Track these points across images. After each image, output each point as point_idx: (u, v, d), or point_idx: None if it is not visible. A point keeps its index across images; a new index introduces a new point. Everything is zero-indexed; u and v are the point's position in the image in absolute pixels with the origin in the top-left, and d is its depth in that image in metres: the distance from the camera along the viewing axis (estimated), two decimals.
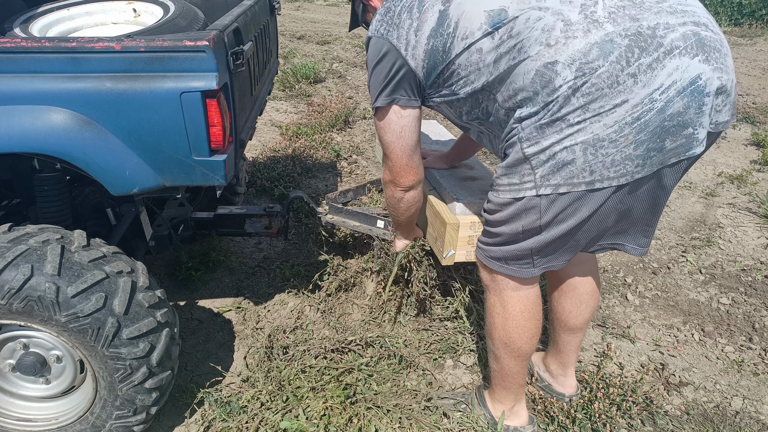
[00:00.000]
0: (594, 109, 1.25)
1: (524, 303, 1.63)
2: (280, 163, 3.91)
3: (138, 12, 2.12)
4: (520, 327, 1.64)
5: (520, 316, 1.63)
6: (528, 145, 1.36)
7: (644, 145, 1.26)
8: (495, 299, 1.66)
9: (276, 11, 2.56)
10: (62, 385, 1.72)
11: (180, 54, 1.41)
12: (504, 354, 1.70)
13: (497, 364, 1.76)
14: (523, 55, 1.31)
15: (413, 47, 1.48)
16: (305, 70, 6.12)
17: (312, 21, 10.81)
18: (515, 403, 1.82)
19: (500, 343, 1.69)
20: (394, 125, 1.64)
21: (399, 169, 1.72)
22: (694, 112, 1.24)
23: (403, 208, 1.88)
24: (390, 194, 1.84)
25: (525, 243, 1.50)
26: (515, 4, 1.33)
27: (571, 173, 1.32)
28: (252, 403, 1.91)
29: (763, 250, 3.20)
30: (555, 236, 1.45)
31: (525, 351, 1.68)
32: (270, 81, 2.49)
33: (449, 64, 1.46)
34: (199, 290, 2.65)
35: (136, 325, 1.55)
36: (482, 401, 1.90)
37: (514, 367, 1.72)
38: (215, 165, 1.54)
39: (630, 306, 2.66)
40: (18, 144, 1.43)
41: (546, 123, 1.31)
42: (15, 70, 1.41)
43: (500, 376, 1.77)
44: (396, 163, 1.71)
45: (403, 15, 1.49)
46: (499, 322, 1.66)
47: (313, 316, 2.45)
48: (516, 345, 1.66)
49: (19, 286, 1.43)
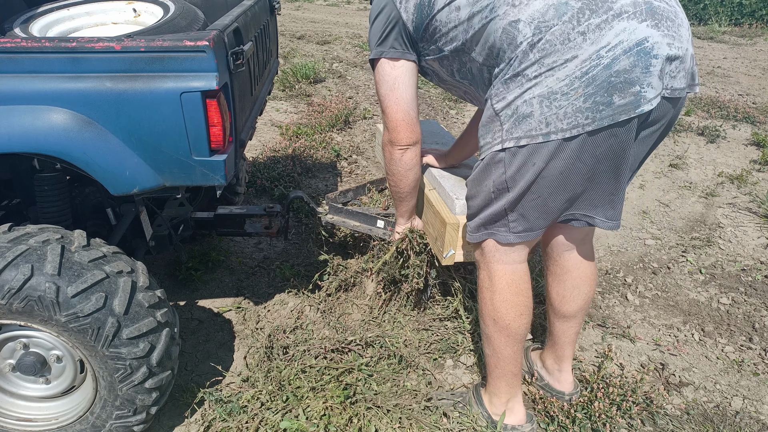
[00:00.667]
0: (548, 63, 1.35)
1: (511, 277, 1.65)
2: (280, 163, 3.91)
3: (138, 12, 2.12)
4: (508, 302, 1.66)
5: (507, 289, 1.65)
6: (497, 101, 1.45)
7: (592, 98, 1.34)
8: (484, 274, 1.69)
9: (276, 11, 2.56)
10: (62, 385, 1.72)
11: (180, 54, 1.41)
12: (494, 332, 1.71)
13: (489, 347, 1.76)
14: (493, 14, 1.42)
15: (406, 0, 1.60)
16: (305, 70, 6.13)
17: (312, 21, 10.81)
18: (510, 397, 1.81)
19: (489, 320, 1.70)
20: (388, 76, 1.70)
21: (395, 125, 1.74)
22: (641, 71, 1.32)
23: (402, 171, 1.85)
24: (389, 156, 1.84)
25: (497, 203, 1.55)
26: None
27: (530, 126, 1.40)
28: (252, 403, 1.91)
29: (763, 250, 3.20)
30: (520, 191, 1.49)
31: (514, 330, 1.68)
32: (270, 81, 2.49)
33: (432, 20, 1.56)
34: (199, 290, 2.66)
35: (136, 325, 1.55)
36: (479, 399, 1.90)
37: (505, 350, 1.72)
38: (215, 165, 1.54)
39: (630, 306, 2.66)
40: (18, 144, 1.43)
41: (509, 78, 1.41)
42: (15, 70, 1.41)
43: (493, 361, 1.77)
44: (391, 117, 1.73)
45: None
46: (487, 296, 1.69)
47: (313, 316, 2.45)
48: (504, 321, 1.67)
49: (19, 286, 1.43)
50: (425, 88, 6.24)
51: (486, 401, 1.87)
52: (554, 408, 1.95)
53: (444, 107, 5.62)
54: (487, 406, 1.86)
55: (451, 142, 2.61)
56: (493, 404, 1.84)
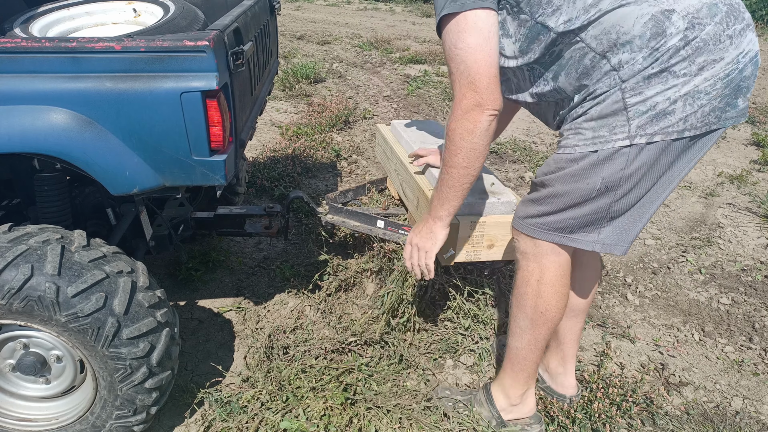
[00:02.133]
0: (699, 62, 1.32)
1: (563, 268, 1.64)
2: (280, 163, 3.91)
3: (138, 12, 2.12)
4: (558, 293, 1.65)
5: (558, 281, 1.64)
6: (630, 95, 1.36)
7: (725, 100, 1.36)
8: (534, 266, 1.65)
9: (276, 11, 2.56)
10: (62, 385, 1.72)
11: (180, 54, 1.41)
12: (537, 324, 1.69)
13: (521, 340, 1.73)
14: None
15: None
16: (305, 70, 6.13)
17: (312, 21, 10.81)
18: (526, 389, 1.82)
19: (534, 312, 1.68)
20: (482, 24, 1.40)
21: (489, 82, 1.42)
22: (752, 81, 1.39)
23: (484, 145, 1.51)
24: (471, 126, 1.47)
25: (598, 202, 1.47)
26: None
27: (669, 123, 1.36)
28: (252, 403, 1.91)
29: (763, 250, 3.20)
30: (630, 188, 1.44)
31: (556, 320, 1.69)
32: (270, 81, 2.49)
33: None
34: (199, 290, 2.66)
35: (136, 325, 1.55)
36: (489, 397, 1.88)
37: (541, 341, 1.72)
38: (215, 165, 1.54)
39: (630, 306, 2.66)
40: (18, 144, 1.43)
41: (654, 73, 1.34)
42: (15, 70, 1.40)
43: (523, 354, 1.75)
44: (484, 74, 1.41)
45: None
46: (534, 289, 1.66)
47: (313, 316, 2.45)
48: (551, 313, 1.67)
49: (19, 286, 1.43)
50: (425, 88, 6.24)
51: (500, 395, 1.86)
52: (554, 408, 1.95)
53: (444, 107, 5.62)
54: (502, 399, 1.85)
55: None
56: (510, 397, 1.84)
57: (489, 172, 2.31)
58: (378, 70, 7.06)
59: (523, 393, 1.83)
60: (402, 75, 6.79)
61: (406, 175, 2.45)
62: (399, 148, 2.63)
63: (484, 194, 2.10)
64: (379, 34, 9.40)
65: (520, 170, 4.19)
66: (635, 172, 1.42)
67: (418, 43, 8.74)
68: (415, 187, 2.32)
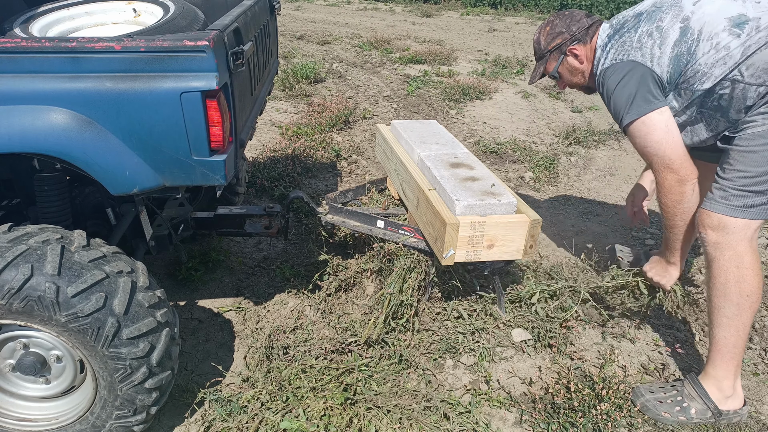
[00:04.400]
0: None
1: (756, 252, 1.85)
2: (280, 163, 3.91)
3: (138, 12, 2.12)
4: (759, 275, 1.83)
5: (756, 263, 1.83)
6: None
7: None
8: (730, 254, 1.83)
9: (276, 11, 2.56)
10: (62, 385, 1.72)
11: (180, 54, 1.41)
12: (744, 309, 1.84)
13: (730, 328, 1.87)
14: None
15: (658, 58, 1.86)
16: (305, 70, 6.13)
17: (312, 21, 10.81)
18: (736, 379, 1.94)
19: (741, 297, 1.84)
20: (659, 123, 1.87)
21: (681, 161, 1.89)
22: None
23: (692, 206, 1.96)
24: (678, 197, 1.94)
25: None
26: (751, 10, 1.74)
27: None
28: (252, 403, 1.91)
29: (763, 250, 3.19)
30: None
31: (759, 300, 1.85)
32: (270, 81, 2.49)
33: (694, 63, 1.81)
34: (199, 290, 2.66)
35: (136, 325, 1.55)
36: (701, 390, 1.96)
37: (748, 325, 1.87)
38: (215, 165, 1.54)
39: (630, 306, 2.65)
40: (18, 144, 1.43)
41: None
42: (15, 70, 1.40)
43: (733, 341, 1.88)
44: (676, 157, 1.88)
45: (644, 39, 1.89)
46: (736, 275, 1.83)
47: (313, 316, 2.45)
48: (756, 294, 1.83)
49: (19, 286, 1.43)
50: (425, 88, 6.24)
51: (713, 388, 1.95)
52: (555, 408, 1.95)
53: (444, 107, 5.62)
54: (716, 392, 1.94)
55: (451, 143, 2.62)
56: (723, 389, 1.94)
57: (489, 173, 2.31)
58: (378, 70, 7.06)
59: (734, 383, 1.94)
60: (402, 75, 6.79)
61: (406, 175, 2.45)
62: (399, 148, 2.64)
63: (484, 195, 2.10)
64: (379, 34, 9.40)
65: (520, 170, 4.19)
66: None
67: (418, 43, 8.74)
68: (415, 187, 2.32)
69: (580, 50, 2.14)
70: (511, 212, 2.09)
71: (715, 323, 1.91)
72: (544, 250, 3.11)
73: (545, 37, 2.21)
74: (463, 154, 2.49)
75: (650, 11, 1.92)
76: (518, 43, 9.19)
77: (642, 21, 1.92)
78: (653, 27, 1.88)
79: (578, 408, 1.92)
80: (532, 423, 1.95)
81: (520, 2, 14.11)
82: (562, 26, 2.16)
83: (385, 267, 2.37)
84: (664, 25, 1.86)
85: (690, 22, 1.82)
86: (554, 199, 3.77)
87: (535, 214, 2.08)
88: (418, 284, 2.29)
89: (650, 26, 1.88)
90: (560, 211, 3.60)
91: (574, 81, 2.24)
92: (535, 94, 6.15)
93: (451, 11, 13.44)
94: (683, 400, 1.97)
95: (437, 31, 10.15)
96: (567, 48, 2.16)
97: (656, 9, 1.91)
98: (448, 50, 7.97)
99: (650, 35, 1.88)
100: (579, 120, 5.38)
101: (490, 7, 14.21)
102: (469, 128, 5.07)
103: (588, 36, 2.12)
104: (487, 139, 4.73)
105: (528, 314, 2.41)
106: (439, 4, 14.35)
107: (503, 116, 5.45)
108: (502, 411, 2.01)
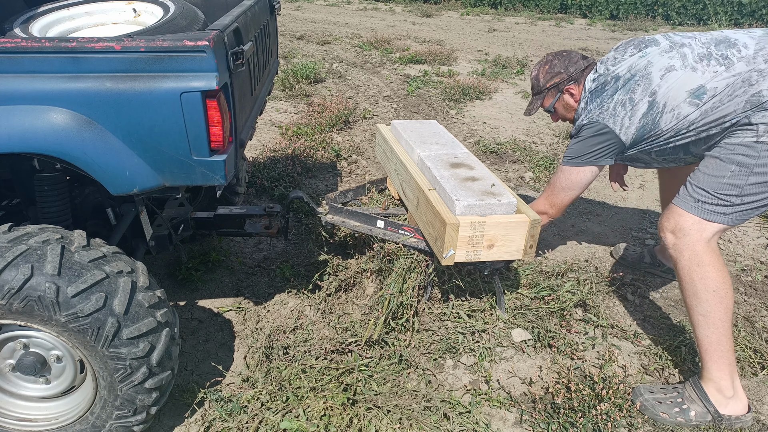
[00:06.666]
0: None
1: (715, 251, 1.93)
2: (280, 163, 3.91)
3: (138, 12, 2.12)
4: (722, 271, 1.90)
5: (718, 260, 1.91)
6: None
7: None
8: (689, 254, 1.93)
9: (276, 11, 2.56)
10: (62, 385, 1.72)
11: (180, 54, 1.41)
12: (714, 305, 1.90)
13: (709, 325, 1.92)
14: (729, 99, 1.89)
15: (626, 127, 2.11)
16: (305, 70, 6.13)
17: (312, 21, 10.81)
18: (733, 379, 1.95)
19: (709, 293, 1.90)
20: (584, 181, 2.30)
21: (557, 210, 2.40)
22: None
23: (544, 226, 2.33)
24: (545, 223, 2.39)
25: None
26: (710, 81, 1.92)
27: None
28: (252, 403, 1.91)
29: (763, 250, 3.20)
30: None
31: (730, 295, 1.90)
32: (270, 81, 2.49)
33: (657, 132, 2.07)
34: (199, 290, 2.66)
35: (136, 325, 1.55)
36: (701, 393, 1.97)
37: (725, 322, 1.90)
38: (215, 165, 1.54)
39: (630, 306, 2.66)
40: (18, 144, 1.43)
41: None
42: (15, 70, 1.40)
43: (716, 338, 1.92)
44: (559, 205, 2.38)
45: (618, 108, 2.11)
46: (699, 273, 1.91)
47: (313, 316, 2.45)
48: (723, 289, 1.89)
49: (19, 286, 1.43)
50: (425, 88, 6.24)
51: (712, 390, 1.95)
52: (555, 408, 1.95)
53: (444, 107, 5.62)
54: (715, 394, 1.95)
55: (451, 142, 2.62)
56: (722, 390, 1.95)
57: (489, 173, 2.31)
58: (378, 70, 7.06)
59: (732, 383, 1.95)
60: (402, 75, 6.79)
61: (406, 175, 2.45)
62: (399, 148, 2.63)
63: (484, 195, 2.10)
64: (379, 34, 9.40)
65: (520, 170, 4.19)
66: None
67: (418, 43, 8.74)
68: (415, 187, 2.32)
69: (575, 90, 2.33)
70: (511, 212, 2.09)
71: (694, 324, 1.97)
72: (544, 250, 3.11)
73: (544, 75, 2.38)
74: (463, 154, 2.49)
75: (626, 78, 2.11)
76: (518, 43, 9.19)
77: (619, 88, 2.12)
78: (627, 98, 2.09)
79: (578, 408, 1.92)
80: (532, 423, 1.95)
81: (520, 2, 14.11)
82: (560, 67, 2.34)
83: (385, 267, 2.37)
84: (636, 98, 2.07)
85: (657, 97, 2.03)
86: None
87: (535, 214, 2.08)
88: (418, 284, 2.29)
89: (624, 96, 2.10)
90: None
91: (567, 116, 2.44)
92: None
93: (451, 11, 13.44)
94: (683, 402, 1.97)
95: (437, 31, 10.15)
96: (564, 87, 2.35)
97: (630, 77, 2.10)
98: (448, 50, 7.98)
99: (623, 105, 2.10)
100: None
101: (490, 7, 14.21)
102: (469, 128, 5.07)
103: (583, 77, 2.32)
104: (487, 139, 4.73)
105: (528, 314, 2.41)
106: (439, 4, 14.35)
107: (503, 116, 5.46)
108: (502, 411, 2.01)
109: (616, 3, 13.14)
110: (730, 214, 1.91)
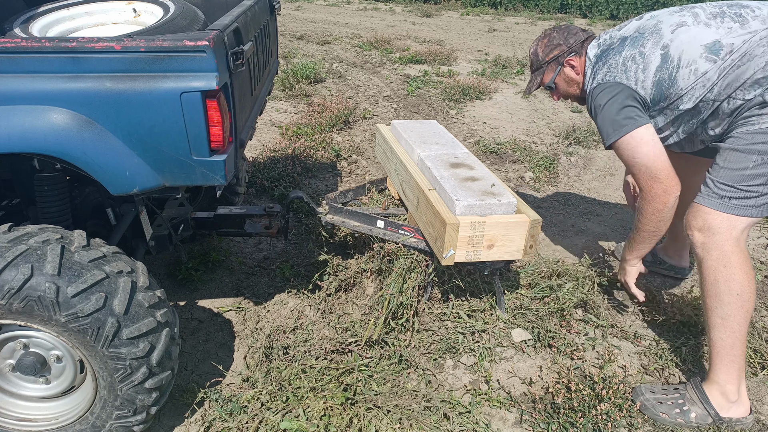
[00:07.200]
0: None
1: (744, 252, 1.87)
2: (280, 163, 3.91)
3: (138, 12, 2.12)
4: (748, 274, 1.85)
5: (745, 262, 1.86)
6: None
7: None
8: (717, 254, 1.86)
9: (276, 11, 2.56)
10: (62, 385, 1.72)
11: (180, 54, 1.41)
12: (736, 309, 1.85)
13: (726, 329, 1.88)
14: (749, 59, 1.79)
15: (642, 81, 1.99)
16: (305, 70, 6.13)
17: (312, 21, 10.81)
18: (740, 384, 1.93)
19: (732, 296, 1.85)
20: (647, 137, 1.99)
21: (667, 173, 1.98)
22: None
23: (669, 216, 2.05)
24: (661, 206, 2.02)
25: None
26: (725, 37, 1.84)
27: None
28: (252, 403, 1.91)
29: (763, 250, 3.20)
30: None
31: (752, 301, 1.85)
32: (270, 81, 2.49)
33: (675, 88, 1.94)
34: (199, 290, 2.66)
35: (136, 325, 1.55)
36: (702, 395, 1.95)
37: (743, 326, 1.87)
38: (215, 165, 1.54)
39: (630, 306, 2.65)
40: (18, 144, 1.43)
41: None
42: (15, 70, 1.40)
43: (730, 342, 1.88)
44: (662, 169, 1.98)
45: (628, 63, 2.01)
46: (725, 274, 1.85)
47: (313, 316, 2.45)
48: (747, 293, 1.84)
49: (19, 286, 1.43)
50: (425, 88, 6.24)
51: (715, 393, 1.94)
52: (556, 408, 1.95)
53: (444, 107, 5.62)
54: (718, 397, 1.93)
55: (451, 142, 2.62)
56: (726, 394, 1.93)
57: (489, 173, 2.31)
58: (378, 70, 7.06)
59: (738, 388, 1.92)
60: (402, 75, 6.79)
61: (406, 175, 2.45)
62: (399, 148, 2.63)
63: (484, 195, 2.10)
64: (379, 34, 9.40)
65: (520, 170, 4.19)
66: None
67: (418, 43, 8.74)
68: (415, 187, 2.32)
69: (576, 61, 2.25)
70: (511, 212, 2.09)
71: (711, 325, 1.92)
72: (544, 250, 3.11)
73: (543, 49, 2.31)
74: (463, 154, 2.49)
75: (634, 36, 2.03)
76: (518, 43, 9.19)
77: (626, 45, 2.03)
78: (636, 52, 2.00)
79: (578, 408, 1.92)
80: (532, 423, 1.95)
81: (520, 2, 14.11)
82: (559, 39, 2.27)
83: (385, 267, 2.37)
84: (646, 51, 1.98)
85: (669, 50, 1.93)
86: (554, 199, 3.77)
87: (535, 214, 2.08)
88: (417, 284, 2.29)
89: (633, 51, 2.00)
90: (560, 211, 3.60)
91: (569, 91, 2.34)
92: (535, 95, 6.15)
93: (451, 11, 13.44)
94: (684, 404, 1.97)
95: (437, 31, 10.15)
96: (564, 59, 2.27)
97: (639, 35, 2.02)
98: (448, 50, 7.97)
99: (634, 59, 2.00)
100: (579, 120, 5.38)
101: (490, 7, 14.21)
102: (469, 128, 5.07)
103: (583, 49, 2.24)
104: (487, 139, 4.73)
105: (528, 314, 2.41)
106: (439, 4, 14.35)
107: (503, 116, 5.46)
108: (502, 411, 2.01)
109: (616, 3, 13.15)
110: (760, 206, 1.83)
